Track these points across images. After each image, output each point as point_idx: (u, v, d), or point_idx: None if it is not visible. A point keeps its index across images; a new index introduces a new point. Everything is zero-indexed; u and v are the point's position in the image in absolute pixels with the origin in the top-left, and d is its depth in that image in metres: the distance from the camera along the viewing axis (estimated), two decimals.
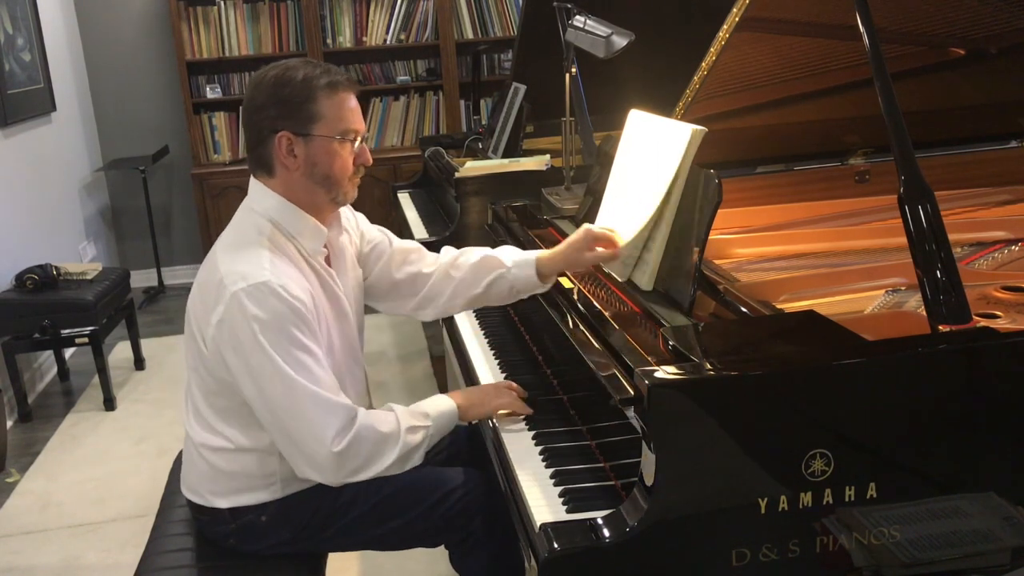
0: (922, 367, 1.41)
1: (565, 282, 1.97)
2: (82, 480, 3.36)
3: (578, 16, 2.63)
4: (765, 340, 1.55)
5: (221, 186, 5.36)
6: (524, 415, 1.85)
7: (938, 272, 1.46)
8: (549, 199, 2.69)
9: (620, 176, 1.97)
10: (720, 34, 2.01)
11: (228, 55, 5.45)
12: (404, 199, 4.29)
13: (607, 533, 1.37)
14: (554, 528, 1.41)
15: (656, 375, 1.35)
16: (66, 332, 3.83)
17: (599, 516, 1.40)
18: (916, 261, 1.48)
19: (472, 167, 3.43)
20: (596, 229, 1.88)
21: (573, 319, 1.83)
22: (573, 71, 2.84)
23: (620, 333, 1.63)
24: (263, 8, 5.46)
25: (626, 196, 1.92)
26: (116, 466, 3.45)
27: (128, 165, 5.35)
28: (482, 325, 2.41)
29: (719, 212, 1.67)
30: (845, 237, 2.14)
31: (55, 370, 4.40)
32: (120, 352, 4.61)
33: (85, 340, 3.85)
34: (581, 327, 1.76)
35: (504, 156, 3.62)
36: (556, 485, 1.59)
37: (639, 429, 1.38)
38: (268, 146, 1.71)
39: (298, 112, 1.68)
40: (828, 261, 2.05)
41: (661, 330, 1.56)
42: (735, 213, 2.26)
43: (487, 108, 4.93)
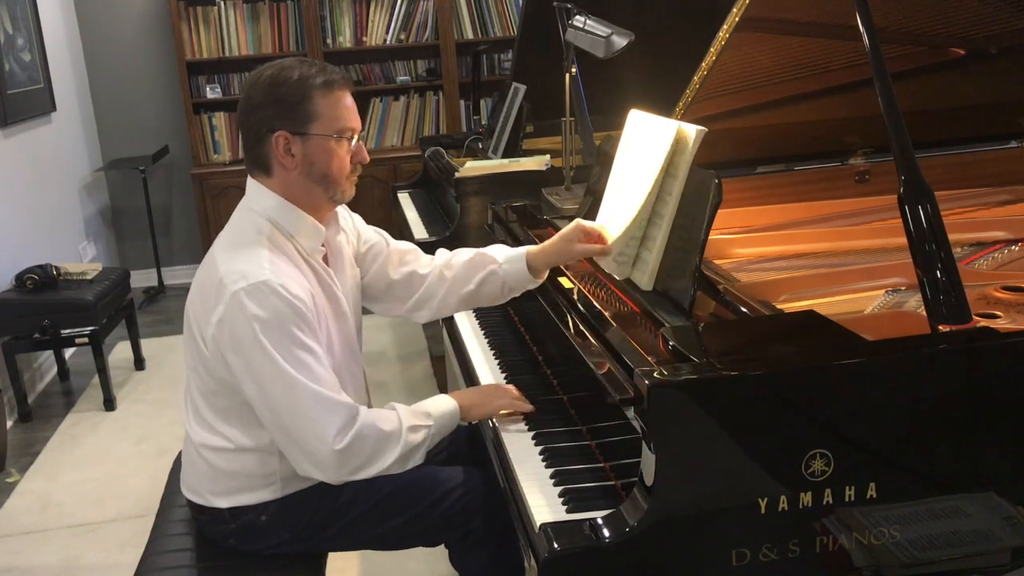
0: (922, 367, 1.41)
1: (565, 282, 1.97)
2: (82, 480, 3.36)
3: (578, 16, 2.63)
4: (765, 340, 1.55)
5: (221, 186, 5.36)
6: (525, 415, 1.85)
7: (938, 272, 1.46)
8: (549, 199, 2.69)
9: (619, 176, 1.97)
10: (720, 34, 2.01)
11: (228, 55, 5.45)
12: (404, 199, 4.29)
13: (607, 533, 1.37)
14: (554, 528, 1.41)
15: (656, 375, 1.35)
16: (66, 332, 3.83)
17: (599, 516, 1.40)
18: (916, 261, 1.48)
19: (472, 167, 3.43)
20: (587, 223, 1.90)
21: (573, 319, 1.83)
22: (573, 71, 2.84)
23: (620, 333, 1.63)
24: (263, 8, 5.46)
25: (624, 196, 1.93)
26: (116, 466, 3.45)
27: (128, 165, 5.35)
28: (482, 325, 2.41)
29: (719, 212, 1.67)
30: (845, 237, 2.14)
31: (55, 370, 4.40)
32: (120, 352, 4.61)
33: (85, 340, 3.85)
34: (581, 327, 1.76)
35: (504, 156, 3.62)
36: (556, 485, 1.59)
37: (639, 429, 1.38)
38: (265, 146, 1.71)
39: (295, 111, 1.68)
40: (828, 261, 2.05)
41: (661, 330, 1.56)
42: (735, 213, 2.26)
43: (487, 108, 4.93)
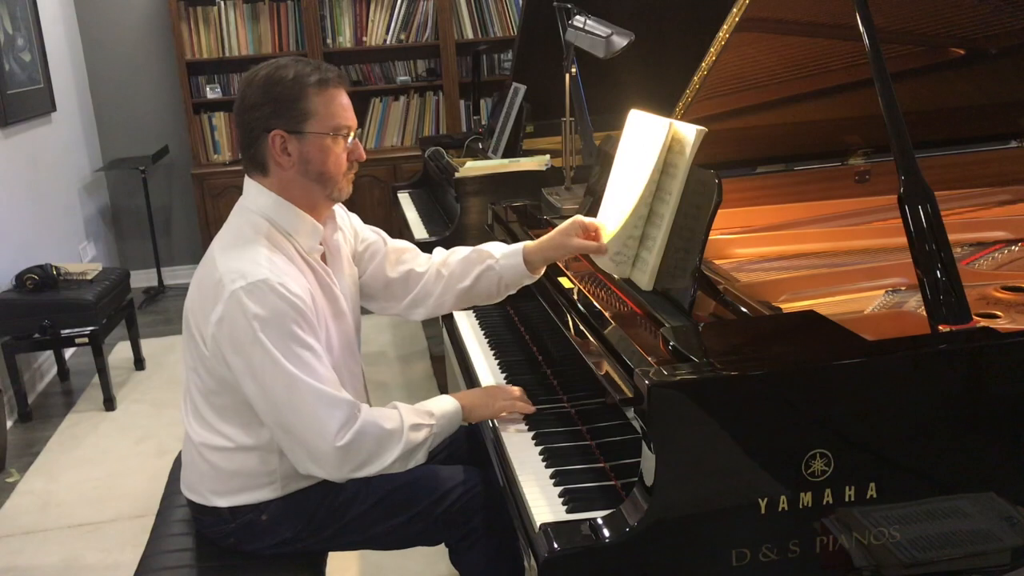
0: (922, 367, 1.41)
1: (565, 282, 1.97)
2: (82, 480, 3.36)
3: (578, 16, 2.63)
4: (765, 340, 1.55)
5: (221, 186, 5.36)
6: (525, 414, 1.85)
7: (938, 272, 1.46)
8: (549, 199, 2.69)
9: (618, 176, 1.97)
10: (720, 34, 2.01)
11: (228, 55, 5.45)
12: (404, 199, 4.29)
13: (607, 533, 1.37)
14: (554, 528, 1.41)
15: (656, 375, 1.35)
16: (66, 332, 3.82)
17: (599, 516, 1.40)
18: (916, 261, 1.48)
19: (472, 167, 3.43)
20: (586, 219, 1.92)
21: (573, 319, 1.83)
22: (573, 71, 2.85)
23: (620, 333, 1.63)
24: (263, 8, 5.46)
25: (622, 195, 1.93)
26: (116, 466, 3.45)
27: (128, 165, 5.35)
28: (482, 325, 2.41)
29: (719, 212, 1.67)
30: (845, 237, 2.14)
31: (55, 370, 4.40)
32: (120, 352, 4.61)
33: (85, 340, 3.84)
34: (581, 327, 1.76)
35: (504, 156, 3.62)
36: (556, 485, 1.59)
37: (639, 429, 1.38)
38: (262, 145, 1.72)
39: (290, 110, 1.69)
40: (828, 261, 2.04)
41: (661, 330, 1.56)
42: (735, 213, 2.26)
43: (487, 108, 4.93)
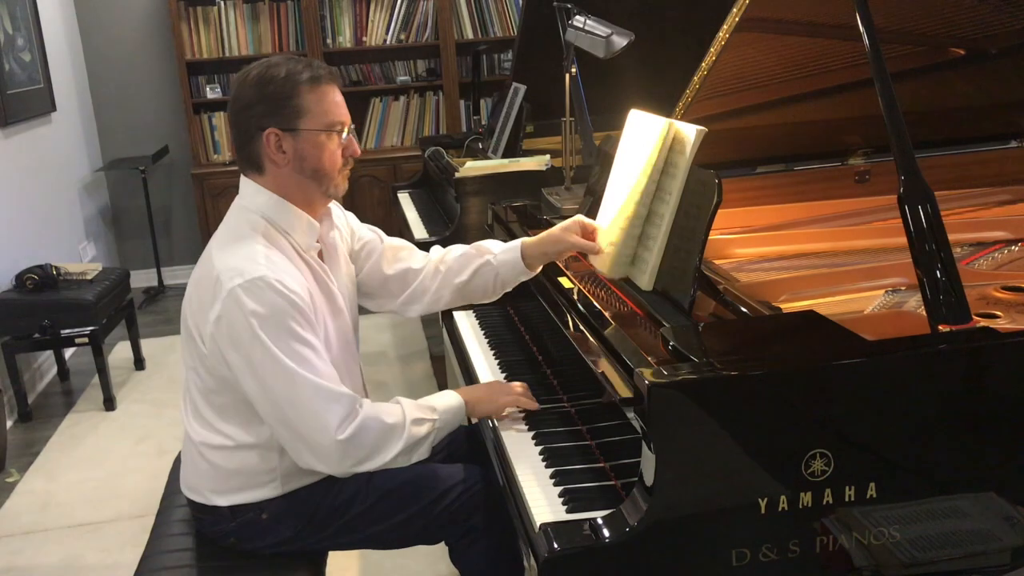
0: (922, 367, 1.41)
1: (565, 282, 1.97)
2: (82, 480, 3.36)
3: (578, 16, 2.63)
4: (765, 340, 1.55)
5: (221, 186, 5.36)
6: (525, 415, 1.85)
7: (938, 272, 1.46)
8: (549, 199, 2.69)
9: (618, 176, 1.97)
10: (720, 34, 2.01)
11: (228, 55, 5.45)
12: (404, 199, 4.29)
13: (607, 533, 1.37)
14: (554, 528, 1.41)
15: (656, 375, 1.35)
16: (66, 332, 3.82)
17: (599, 516, 1.40)
18: (916, 261, 1.48)
19: (472, 167, 3.43)
20: (587, 219, 1.94)
21: (573, 319, 1.83)
22: (573, 71, 2.85)
23: (620, 333, 1.63)
24: (263, 8, 5.46)
25: (620, 195, 1.93)
26: (116, 466, 3.45)
27: (128, 165, 5.35)
28: (482, 325, 2.41)
29: (719, 212, 1.67)
30: (845, 237, 2.14)
31: (55, 370, 4.40)
32: (120, 352, 4.60)
33: (85, 340, 3.84)
34: (581, 327, 1.76)
35: (504, 156, 3.62)
36: (556, 485, 1.59)
37: (639, 429, 1.38)
38: (256, 144, 1.72)
39: (283, 108, 1.69)
40: (828, 261, 2.04)
41: (661, 330, 1.56)
42: (735, 213, 2.26)
43: (487, 108, 4.93)
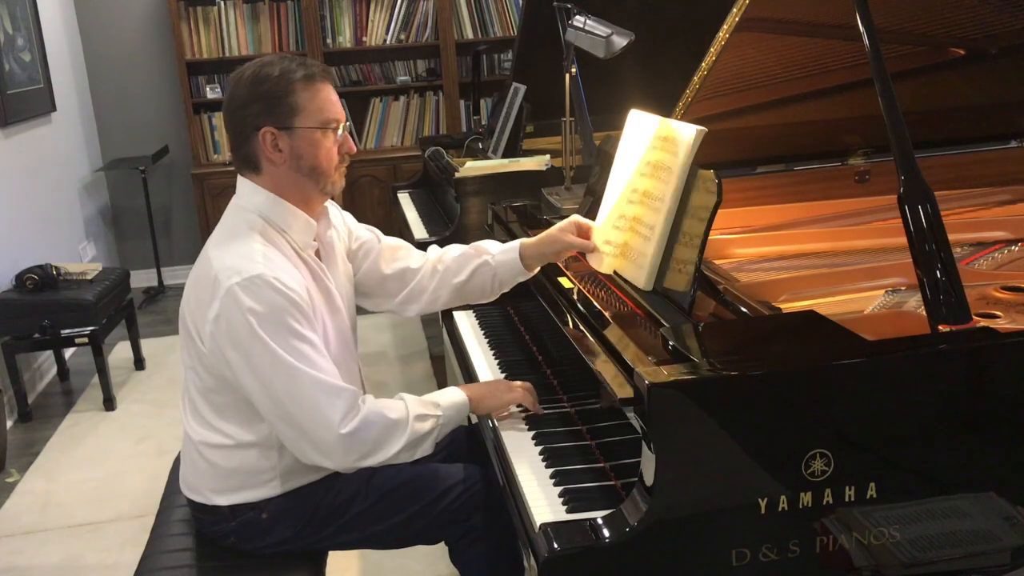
0: (922, 367, 1.41)
1: (565, 282, 1.97)
2: (82, 480, 3.36)
3: (578, 16, 2.63)
4: (765, 340, 1.55)
5: (221, 186, 5.36)
6: (527, 414, 1.85)
7: (938, 272, 1.46)
8: (549, 199, 2.69)
9: (618, 176, 1.97)
10: (720, 34, 2.01)
11: (228, 55, 5.45)
12: (404, 199, 4.29)
13: (607, 533, 1.37)
14: (554, 528, 1.41)
15: (656, 375, 1.35)
16: (66, 332, 3.82)
17: (599, 516, 1.40)
18: (916, 261, 1.48)
19: (472, 167, 3.43)
20: (583, 219, 1.95)
21: (573, 319, 1.83)
22: (573, 71, 2.84)
23: (620, 333, 1.63)
24: (263, 8, 5.46)
25: (616, 194, 1.95)
26: (116, 466, 3.45)
27: (128, 165, 5.35)
28: (482, 325, 2.41)
29: (719, 212, 1.67)
30: (845, 237, 2.14)
31: (55, 370, 4.40)
32: (120, 352, 4.60)
33: (85, 340, 3.84)
34: (581, 327, 1.76)
35: (504, 156, 3.61)
36: (556, 485, 1.59)
37: (639, 429, 1.38)
38: (253, 143, 1.73)
39: (278, 107, 1.70)
40: (828, 261, 2.04)
41: (661, 330, 1.56)
42: (735, 213, 2.26)
43: (487, 108, 4.93)
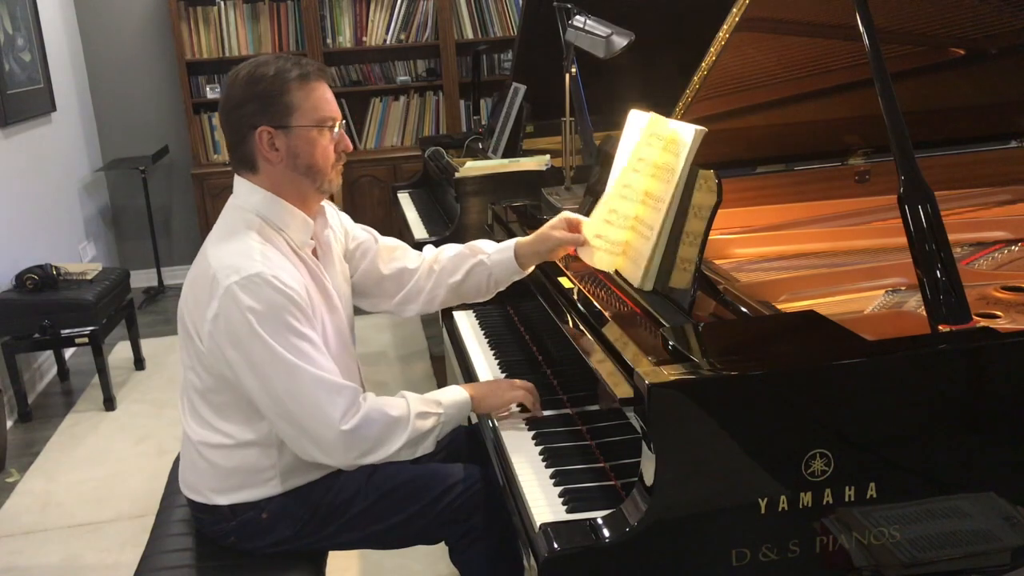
0: (922, 367, 1.41)
1: (565, 282, 1.97)
2: (82, 480, 3.36)
3: (578, 16, 2.63)
4: (765, 340, 1.55)
5: (221, 186, 5.36)
6: (528, 415, 1.85)
7: (938, 272, 1.46)
8: (549, 199, 2.69)
9: (615, 173, 1.98)
10: (720, 34, 2.01)
11: (228, 55, 5.45)
12: (404, 199, 4.29)
13: (607, 533, 1.37)
14: (554, 528, 1.41)
15: (656, 375, 1.35)
16: (66, 332, 3.82)
17: (599, 516, 1.40)
18: (916, 261, 1.48)
19: (472, 167, 3.43)
20: (572, 214, 1.97)
21: (573, 319, 1.83)
22: (573, 71, 2.84)
23: (620, 333, 1.63)
24: (263, 8, 5.46)
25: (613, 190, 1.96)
26: (116, 466, 3.45)
27: (128, 165, 5.35)
28: (482, 325, 2.41)
29: (719, 212, 1.67)
30: (845, 237, 2.14)
31: (55, 370, 4.40)
32: (120, 352, 4.60)
33: (85, 340, 3.84)
34: (581, 327, 1.76)
35: (504, 156, 3.61)
36: (556, 485, 1.59)
37: (639, 429, 1.38)
38: (249, 143, 1.73)
39: (274, 105, 1.70)
40: (828, 261, 2.04)
41: (661, 330, 1.56)
42: (735, 213, 2.26)
43: (487, 108, 4.93)
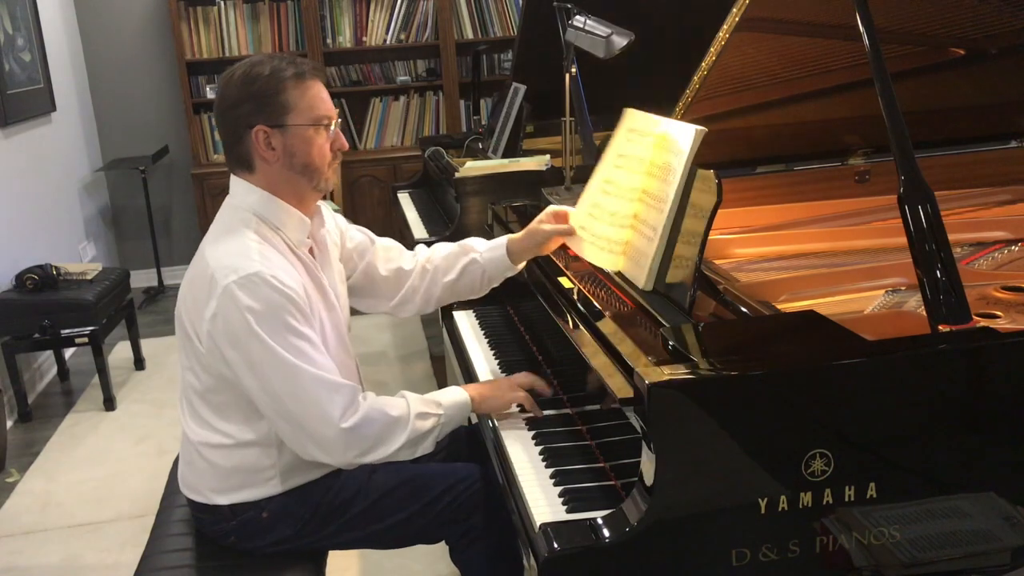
0: (922, 367, 1.41)
1: (565, 282, 1.97)
2: (82, 480, 3.36)
3: (578, 16, 2.63)
4: (765, 340, 1.55)
5: (221, 186, 5.30)
6: (528, 416, 1.85)
7: (938, 272, 1.46)
8: (549, 199, 2.69)
9: (603, 166, 2.02)
10: (720, 34, 2.01)
11: (228, 55, 5.44)
12: (404, 199, 4.29)
13: (607, 533, 1.37)
14: (554, 528, 1.41)
15: (656, 375, 1.35)
16: (66, 332, 3.82)
17: (599, 516, 1.40)
18: (916, 261, 1.48)
19: (472, 167, 3.43)
20: (558, 207, 2.02)
21: (573, 319, 1.83)
22: (573, 71, 2.84)
23: (620, 333, 1.62)
24: (263, 8, 5.46)
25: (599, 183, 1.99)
26: (116, 466, 3.45)
27: (128, 165, 5.35)
28: (482, 325, 2.41)
29: (719, 212, 1.67)
30: (845, 237, 2.14)
31: (55, 370, 4.40)
32: (120, 352, 4.60)
33: (85, 340, 3.84)
34: (581, 327, 1.76)
35: (504, 156, 3.61)
36: (556, 485, 1.59)
37: (639, 429, 1.38)
38: (245, 142, 1.73)
39: (270, 105, 1.70)
40: (828, 261, 2.04)
41: (661, 330, 1.56)
42: (735, 213, 2.26)
43: (487, 108, 4.93)
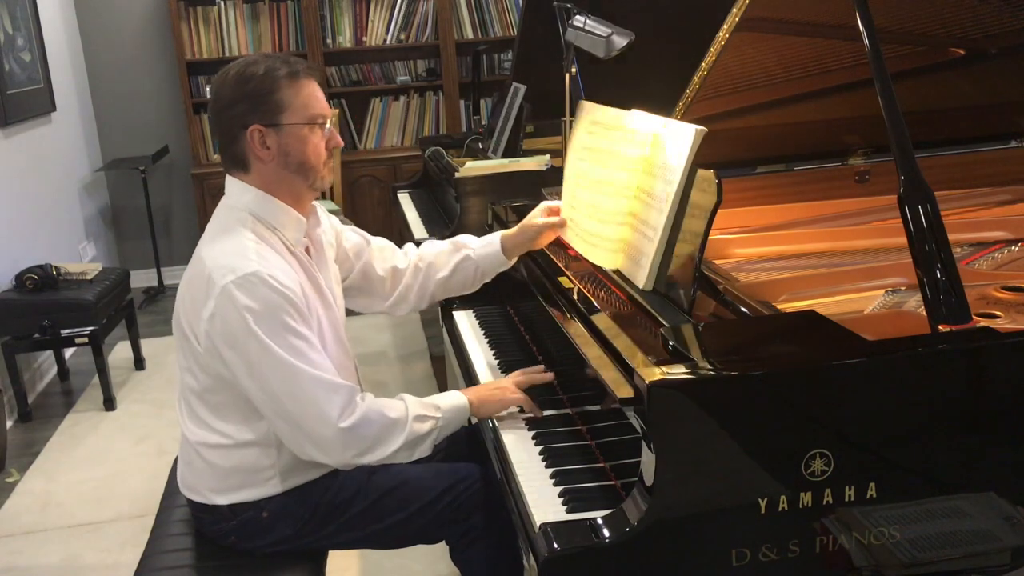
0: (922, 367, 1.41)
1: (565, 282, 1.97)
2: (82, 480, 3.36)
3: (578, 16, 2.63)
4: (765, 340, 1.55)
5: (221, 186, 5.27)
6: (528, 416, 1.85)
7: (938, 272, 1.46)
8: (549, 199, 2.68)
9: (583, 159, 2.05)
10: (720, 34, 2.01)
11: (228, 55, 5.45)
12: (404, 199, 4.29)
13: (607, 533, 1.37)
14: (554, 528, 1.41)
15: (656, 375, 1.35)
16: (66, 332, 3.82)
17: (599, 516, 1.40)
18: (916, 261, 1.48)
19: (472, 167, 3.43)
20: (551, 202, 2.06)
21: (573, 319, 1.83)
22: (573, 71, 2.84)
23: (620, 333, 1.62)
24: (263, 8, 5.46)
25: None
26: (116, 466, 3.45)
27: (128, 165, 5.35)
28: (482, 325, 2.41)
29: (719, 212, 1.67)
30: (845, 237, 2.14)
31: (55, 370, 4.40)
32: (120, 352, 4.61)
33: (85, 340, 3.84)
34: (581, 327, 1.76)
35: (504, 156, 3.61)
36: (556, 485, 1.59)
37: (639, 429, 1.38)
38: (241, 142, 1.74)
39: (265, 104, 1.70)
40: (828, 261, 2.04)
41: (661, 330, 1.56)
42: (735, 213, 2.26)
43: (487, 108, 4.93)
